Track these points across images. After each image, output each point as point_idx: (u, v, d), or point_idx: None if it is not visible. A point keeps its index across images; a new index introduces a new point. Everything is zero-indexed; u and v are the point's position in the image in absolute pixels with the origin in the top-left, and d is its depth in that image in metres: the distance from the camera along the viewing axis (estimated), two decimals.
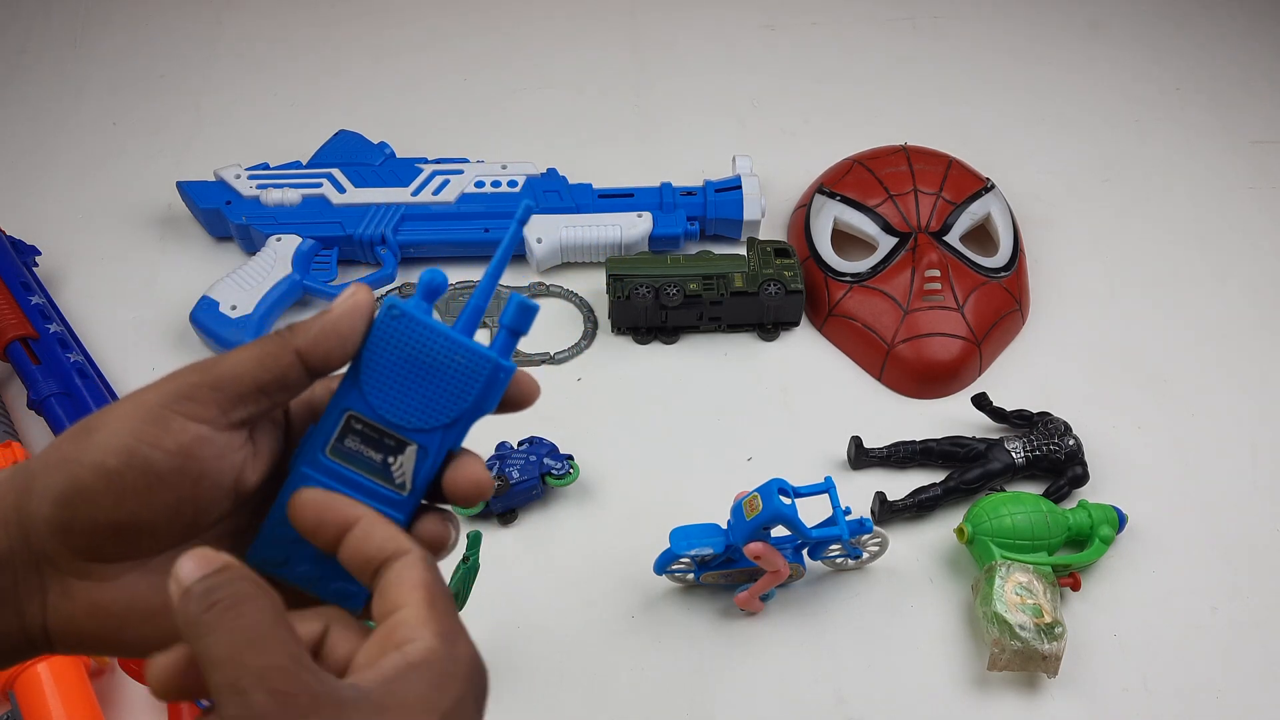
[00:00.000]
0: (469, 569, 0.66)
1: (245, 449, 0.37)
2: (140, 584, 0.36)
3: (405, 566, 0.35)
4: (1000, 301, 0.87)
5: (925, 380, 0.85)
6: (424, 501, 0.39)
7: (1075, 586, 0.74)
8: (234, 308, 0.85)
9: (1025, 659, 0.68)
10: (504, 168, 0.94)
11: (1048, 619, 0.69)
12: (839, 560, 0.75)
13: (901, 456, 0.80)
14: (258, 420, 0.37)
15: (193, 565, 0.32)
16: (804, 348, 0.89)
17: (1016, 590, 0.70)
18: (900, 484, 0.79)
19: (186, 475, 0.35)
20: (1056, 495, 0.78)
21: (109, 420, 0.35)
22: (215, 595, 0.31)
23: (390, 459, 0.38)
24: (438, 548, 0.39)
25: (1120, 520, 0.75)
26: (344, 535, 0.36)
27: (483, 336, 0.85)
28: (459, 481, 0.38)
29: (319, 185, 0.92)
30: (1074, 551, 0.76)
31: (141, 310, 0.90)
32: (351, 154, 0.94)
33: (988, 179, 0.93)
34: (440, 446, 0.38)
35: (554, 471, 0.77)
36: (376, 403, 0.37)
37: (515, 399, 0.39)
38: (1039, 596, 0.70)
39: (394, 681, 0.32)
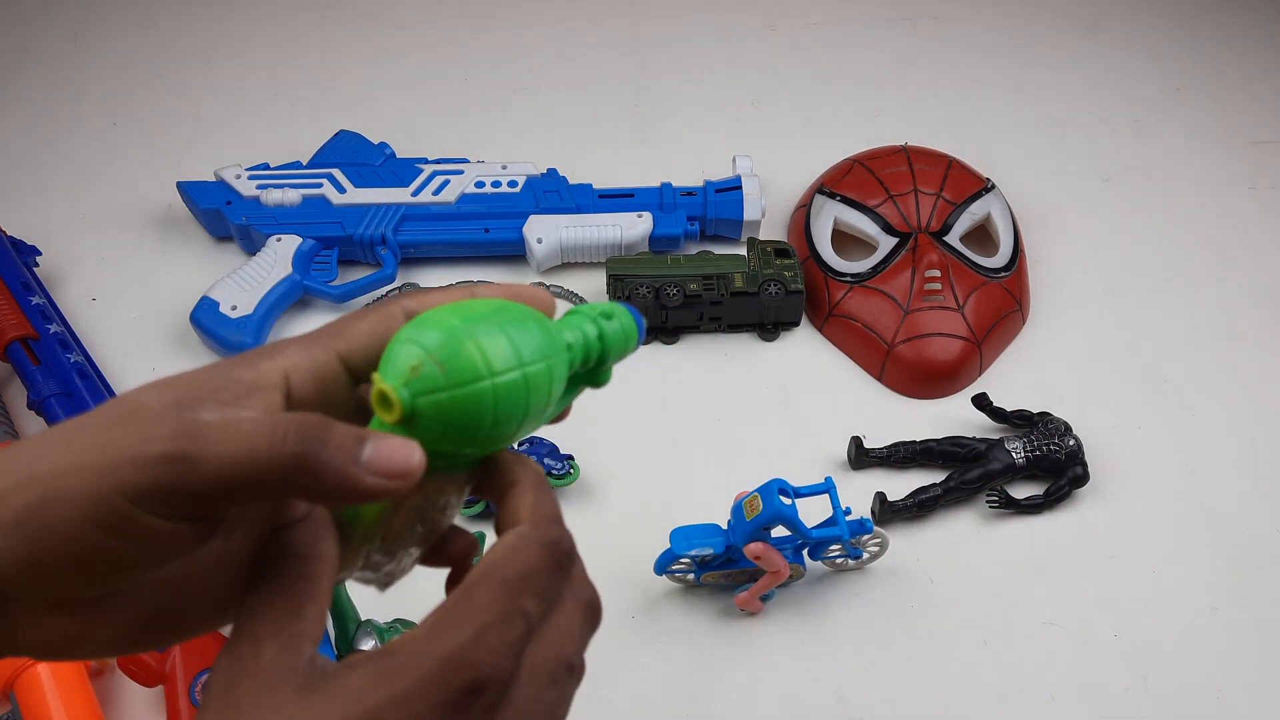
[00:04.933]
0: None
1: None
2: (123, 608, 0.32)
3: (495, 544, 0.33)
4: (1000, 301, 0.87)
5: (925, 380, 0.85)
6: None
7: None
8: (234, 308, 0.85)
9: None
10: (504, 168, 0.94)
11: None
12: (839, 560, 0.75)
13: (902, 456, 0.80)
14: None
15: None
16: (804, 348, 0.89)
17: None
18: (900, 484, 0.79)
19: (162, 560, 0.31)
20: (1057, 496, 0.78)
21: (70, 489, 0.29)
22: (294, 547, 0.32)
23: None
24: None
25: (638, 323, 0.39)
26: (504, 495, 0.35)
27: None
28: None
29: (319, 185, 0.92)
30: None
31: (141, 310, 0.90)
32: (352, 154, 0.94)
33: (988, 179, 0.93)
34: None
35: (554, 472, 0.77)
36: None
37: None
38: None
39: (348, 670, 0.30)
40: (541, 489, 0.35)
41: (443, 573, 0.37)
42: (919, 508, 0.78)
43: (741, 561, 0.71)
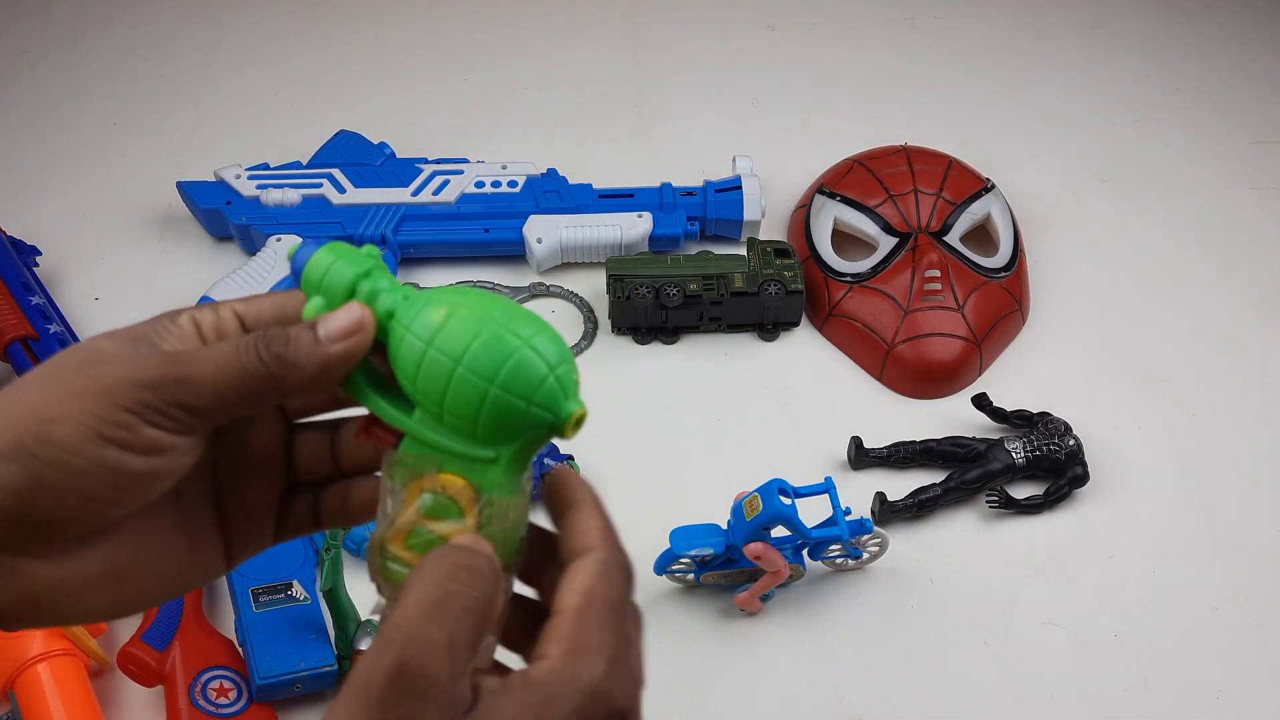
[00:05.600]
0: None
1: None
2: (95, 555, 0.34)
3: (579, 568, 0.35)
4: (1000, 302, 0.87)
5: (925, 380, 0.85)
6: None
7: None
8: None
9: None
10: (504, 168, 0.94)
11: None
12: (839, 560, 0.75)
13: (901, 456, 0.80)
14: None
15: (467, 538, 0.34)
16: (804, 348, 0.89)
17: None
18: (900, 484, 0.79)
19: (157, 475, 0.34)
20: (1057, 496, 0.78)
21: (69, 411, 0.32)
22: (459, 559, 0.33)
23: None
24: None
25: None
26: (565, 512, 0.36)
27: None
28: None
29: (319, 185, 0.92)
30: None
31: (141, 310, 0.89)
32: (351, 154, 0.94)
33: (988, 179, 0.93)
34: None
35: None
36: None
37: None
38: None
39: (500, 695, 0.32)
40: (603, 510, 0.37)
41: None
42: (919, 508, 0.78)
43: (741, 561, 0.71)
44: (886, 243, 0.89)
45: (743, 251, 0.92)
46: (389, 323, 0.35)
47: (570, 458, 0.78)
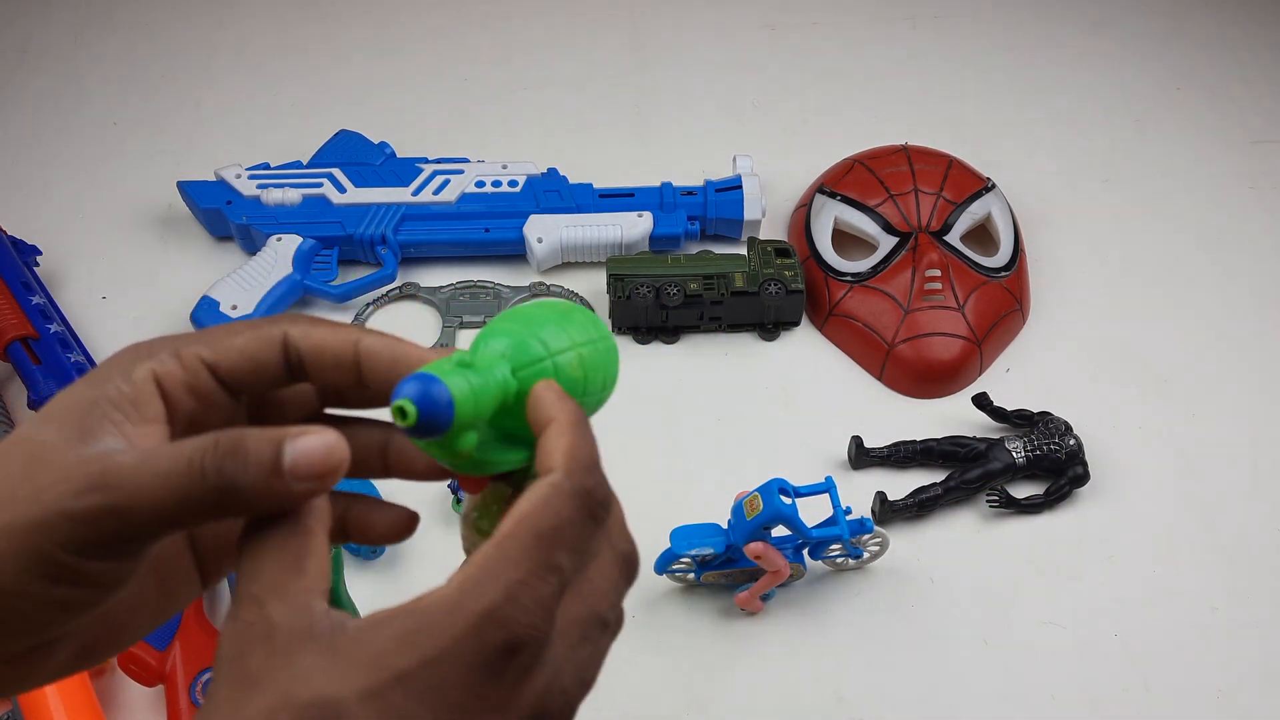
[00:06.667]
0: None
1: None
2: (60, 649, 0.33)
3: (529, 490, 0.31)
4: (1001, 301, 0.87)
5: (926, 380, 0.85)
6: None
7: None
8: (234, 308, 0.85)
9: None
10: (504, 167, 0.94)
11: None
12: (839, 560, 0.75)
13: (902, 456, 0.80)
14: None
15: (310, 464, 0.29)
16: (804, 347, 0.89)
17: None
18: (901, 484, 0.79)
19: (111, 590, 0.31)
20: (1057, 495, 0.78)
21: (5, 551, 0.29)
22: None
23: None
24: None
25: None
26: (539, 432, 0.33)
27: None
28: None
29: (319, 185, 0.92)
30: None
31: (141, 310, 0.90)
32: (352, 154, 0.94)
33: (988, 179, 0.93)
34: None
35: None
36: None
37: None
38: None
39: (368, 627, 0.29)
40: (579, 430, 0.33)
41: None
42: (919, 507, 0.78)
43: (741, 561, 0.71)
44: (887, 242, 0.89)
45: (743, 251, 0.92)
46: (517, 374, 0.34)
47: None
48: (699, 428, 0.84)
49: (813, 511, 0.71)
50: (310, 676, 0.28)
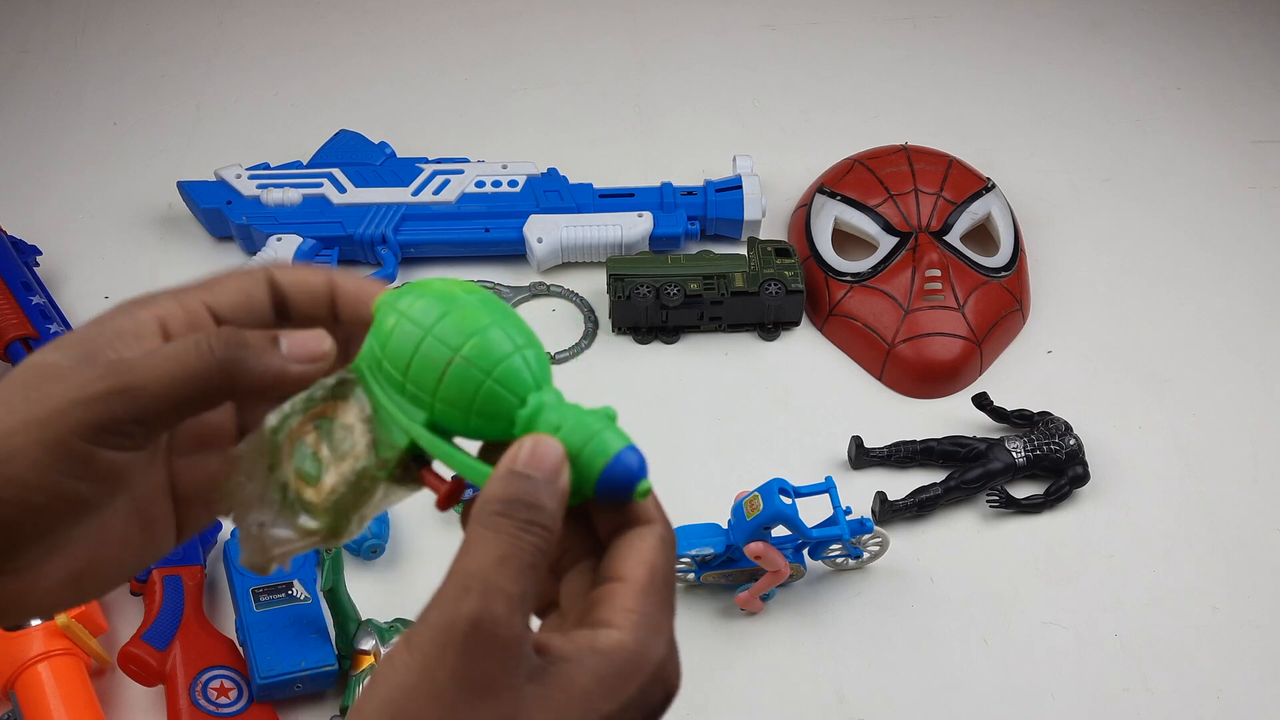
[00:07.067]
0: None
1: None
2: (54, 565, 0.34)
3: (640, 537, 0.34)
4: (1001, 301, 0.87)
5: (926, 380, 0.85)
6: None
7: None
8: None
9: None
10: (504, 167, 0.94)
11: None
12: (839, 560, 0.75)
13: (902, 456, 0.80)
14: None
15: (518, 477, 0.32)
16: (804, 348, 0.89)
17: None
18: (901, 484, 0.79)
19: (116, 490, 0.34)
20: (1057, 495, 0.78)
21: (22, 444, 0.31)
22: (515, 513, 0.31)
23: None
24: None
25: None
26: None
27: None
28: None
29: (319, 185, 0.92)
30: None
31: None
32: (352, 154, 0.94)
33: (988, 179, 0.93)
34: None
35: None
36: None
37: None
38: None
39: (569, 663, 0.31)
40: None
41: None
42: (919, 507, 0.78)
43: (741, 561, 0.71)
44: (887, 242, 0.89)
45: (743, 251, 0.92)
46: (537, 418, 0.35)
47: None
48: (699, 428, 0.84)
49: (813, 511, 0.71)
50: (533, 708, 0.30)
